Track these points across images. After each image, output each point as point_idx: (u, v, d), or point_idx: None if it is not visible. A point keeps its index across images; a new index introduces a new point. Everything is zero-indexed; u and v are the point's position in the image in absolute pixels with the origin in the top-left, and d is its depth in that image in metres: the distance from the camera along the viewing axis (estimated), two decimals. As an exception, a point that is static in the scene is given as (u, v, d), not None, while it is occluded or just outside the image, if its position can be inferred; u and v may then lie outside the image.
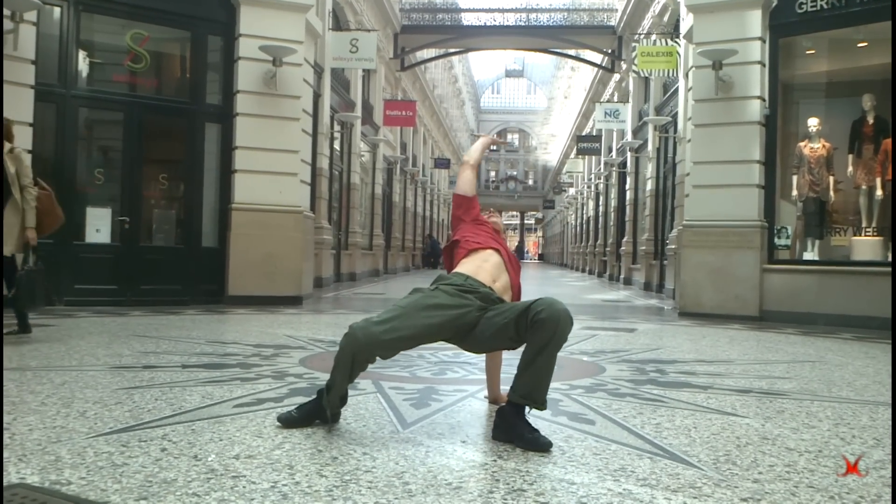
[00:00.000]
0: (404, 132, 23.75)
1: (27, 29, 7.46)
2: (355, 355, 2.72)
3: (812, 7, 8.38)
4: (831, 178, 8.87)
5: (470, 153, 3.71)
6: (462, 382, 4.05)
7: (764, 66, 8.65)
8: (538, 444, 2.62)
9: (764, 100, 8.64)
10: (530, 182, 67.27)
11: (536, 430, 2.70)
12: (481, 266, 3.08)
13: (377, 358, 2.79)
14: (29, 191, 5.25)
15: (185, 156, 9.14)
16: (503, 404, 2.88)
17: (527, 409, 2.78)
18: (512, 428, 2.71)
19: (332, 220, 14.48)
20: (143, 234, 8.96)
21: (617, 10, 18.63)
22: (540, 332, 2.67)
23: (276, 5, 9.07)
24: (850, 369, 4.93)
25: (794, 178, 9.00)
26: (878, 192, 8.48)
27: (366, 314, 3.45)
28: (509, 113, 68.60)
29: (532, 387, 2.72)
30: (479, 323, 2.87)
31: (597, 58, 20.98)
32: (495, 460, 2.51)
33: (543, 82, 60.54)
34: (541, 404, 2.76)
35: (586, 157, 27.49)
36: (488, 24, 19.86)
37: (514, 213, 69.90)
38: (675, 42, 12.55)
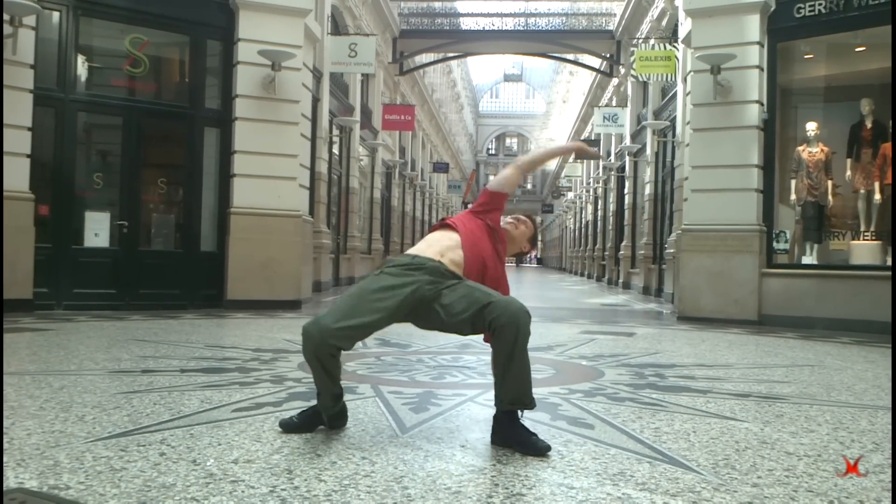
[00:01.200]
0: (403, 136, 23.78)
1: (26, 33, 7.47)
2: (315, 352, 2.68)
3: (810, 11, 8.39)
4: (830, 183, 8.88)
5: (525, 158, 3.45)
6: (461, 387, 4.05)
7: (762, 70, 8.66)
8: (536, 448, 2.62)
9: (762, 104, 8.65)
10: (529, 186, 67.31)
11: (534, 434, 2.69)
12: (430, 244, 2.99)
13: (340, 350, 2.74)
14: None
15: (184, 160, 9.13)
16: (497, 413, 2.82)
17: (519, 413, 2.76)
18: (509, 434, 2.71)
19: (331, 224, 14.49)
20: (142, 238, 8.95)
21: (615, 15, 18.69)
22: (502, 336, 2.64)
23: (275, 10, 9.07)
24: (849, 373, 4.93)
25: (793, 182, 9.01)
26: (877, 197, 8.49)
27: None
28: (508, 117, 68.75)
29: (517, 391, 2.70)
30: (437, 298, 2.79)
31: (595, 62, 21.03)
32: (494, 465, 2.51)
33: (542, 87, 60.67)
34: (529, 403, 2.73)
35: (585, 161, 27.54)
36: (487, 28, 19.91)
37: (513, 217, 69.94)
38: (674, 46, 12.58)
